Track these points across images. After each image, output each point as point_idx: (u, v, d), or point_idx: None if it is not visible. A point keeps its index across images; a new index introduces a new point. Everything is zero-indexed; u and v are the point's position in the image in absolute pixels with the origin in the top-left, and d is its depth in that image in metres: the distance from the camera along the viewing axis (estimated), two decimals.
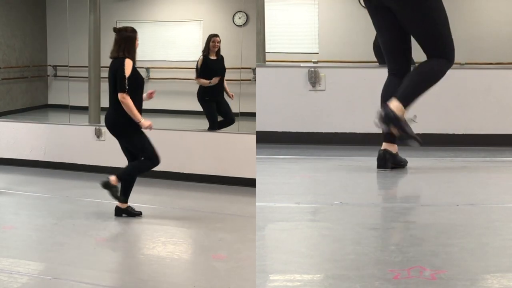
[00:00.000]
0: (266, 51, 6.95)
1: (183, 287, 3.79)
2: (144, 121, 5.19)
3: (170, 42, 10.48)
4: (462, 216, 3.31)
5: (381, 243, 2.76)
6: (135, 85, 5.15)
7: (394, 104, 4.28)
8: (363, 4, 9.11)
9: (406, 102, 4.33)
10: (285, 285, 2.33)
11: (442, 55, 4.44)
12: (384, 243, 2.75)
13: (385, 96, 4.53)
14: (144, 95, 5.37)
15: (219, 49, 7.49)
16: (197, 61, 7.55)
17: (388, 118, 4.25)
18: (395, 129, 4.28)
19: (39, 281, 3.84)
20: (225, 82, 7.55)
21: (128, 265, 4.24)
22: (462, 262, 2.52)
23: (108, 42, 9.64)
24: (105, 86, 8.44)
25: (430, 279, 2.28)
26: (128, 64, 5.09)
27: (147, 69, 10.65)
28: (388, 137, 4.45)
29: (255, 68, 6.93)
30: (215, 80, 7.33)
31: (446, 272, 2.35)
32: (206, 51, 7.48)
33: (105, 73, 8.78)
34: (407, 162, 4.56)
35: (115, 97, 5.11)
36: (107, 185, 5.18)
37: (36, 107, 11.48)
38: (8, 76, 10.93)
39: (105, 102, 8.11)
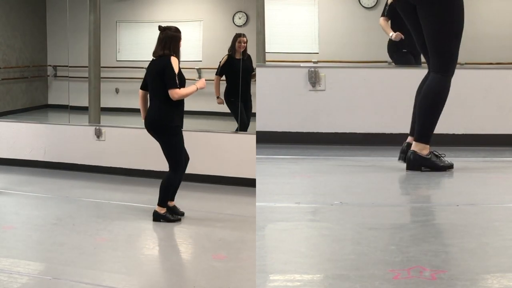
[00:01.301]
0: (266, 51, 6.95)
1: (183, 287, 3.79)
2: (199, 83, 5.25)
3: None
4: (462, 216, 3.31)
5: (381, 243, 2.76)
6: (180, 83, 5.17)
7: (417, 147, 4.42)
8: (363, 4, 9.12)
9: (427, 138, 4.47)
10: (285, 285, 2.33)
11: (442, 70, 4.48)
12: (384, 243, 2.75)
13: (417, 95, 4.63)
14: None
15: (245, 49, 7.39)
16: (221, 59, 7.48)
17: (416, 162, 4.37)
18: (427, 168, 4.42)
19: (39, 281, 3.84)
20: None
21: (128, 265, 4.24)
22: (462, 262, 2.52)
23: (108, 42, 9.67)
24: (104, 86, 8.47)
25: (430, 279, 2.28)
26: (174, 62, 5.13)
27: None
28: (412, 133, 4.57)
29: (255, 68, 6.93)
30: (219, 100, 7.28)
31: (446, 272, 2.35)
32: (232, 50, 7.40)
33: (105, 73, 8.82)
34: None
35: (160, 96, 5.10)
36: (158, 217, 5.27)
37: (36, 107, 11.48)
38: (8, 76, 10.93)
39: (105, 102, 8.14)
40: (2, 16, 10.64)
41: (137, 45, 10.83)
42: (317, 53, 10.18)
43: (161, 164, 6.26)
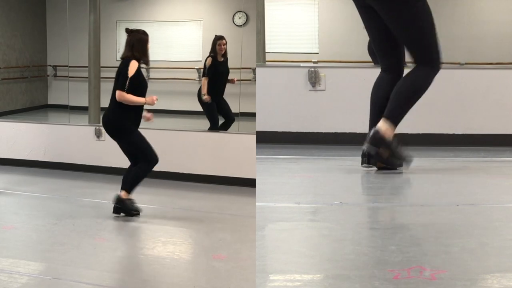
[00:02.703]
0: (266, 51, 6.95)
1: (183, 287, 3.79)
2: (149, 98, 5.22)
3: (170, 42, 10.48)
4: (462, 216, 3.31)
5: (381, 243, 2.76)
6: (138, 87, 5.14)
7: (384, 127, 4.27)
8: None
9: (395, 121, 4.33)
10: (285, 285, 2.33)
11: (427, 62, 4.40)
12: (384, 243, 2.75)
13: (376, 94, 4.52)
14: (145, 113, 5.38)
15: (225, 51, 7.48)
16: (206, 60, 7.54)
17: (377, 140, 4.24)
18: (385, 152, 4.28)
19: (39, 281, 3.84)
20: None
21: (128, 265, 4.24)
22: (462, 262, 2.52)
23: (108, 42, 9.67)
24: (104, 86, 8.46)
25: (430, 279, 2.28)
26: (133, 65, 5.10)
27: (147, 69, 10.66)
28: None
29: (255, 68, 6.93)
30: (207, 97, 7.38)
31: (446, 272, 2.35)
32: (214, 52, 7.46)
33: (105, 73, 8.81)
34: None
35: (115, 97, 5.12)
36: (117, 201, 5.16)
37: (36, 107, 11.48)
38: (8, 76, 10.94)
39: (105, 102, 8.13)
40: (2, 16, 10.65)
41: None
42: (317, 53, 10.18)
43: (161, 164, 6.24)
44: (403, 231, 3.05)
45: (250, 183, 6.03)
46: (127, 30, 5.28)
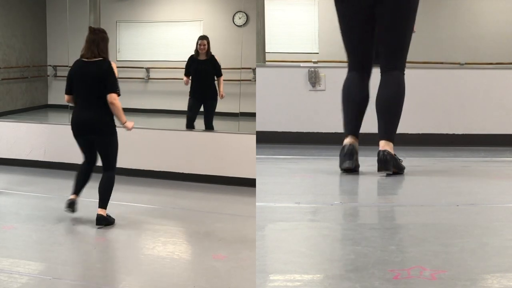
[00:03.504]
0: (266, 51, 6.95)
1: (183, 287, 3.79)
2: (129, 122, 5.22)
3: (170, 42, 10.48)
4: (462, 216, 3.31)
5: (381, 243, 2.76)
6: None
7: (388, 146, 4.31)
8: None
9: (393, 137, 4.38)
10: (285, 285, 2.33)
11: (401, 67, 4.44)
12: (384, 243, 2.75)
13: (351, 96, 4.48)
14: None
15: (207, 51, 7.51)
16: None
17: (389, 161, 4.28)
18: (394, 169, 4.32)
19: (39, 281, 3.84)
20: (221, 83, 7.57)
21: (128, 265, 4.24)
22: (462, 262, 2.52)
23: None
24: None
25: (430, 279, 2.28)
26: (114, 67, 5.10)
27: (147, 69, 10.66)
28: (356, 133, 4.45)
29: (255, 68, 6.93)
30: (185, 80, 7.53)
31: (446, 272, 2.35)
32: (195, 51, 7.56)
33: None
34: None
35: (101, 98, 5.03)
36: (100, 220, 5.10)
37: (36, 107, 11.48)
38: (8, 76, 10.94)
39: None
40: (2, 16, 10.65)
41: (137, 45, 10.84)
42: (317, 53, 10.19)
43: (161, 164, 6.28)
44: (403, 231, 3.05)
45: (250, 183, 6.03)
46: (91, 29, 5.25)
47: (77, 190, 5.23)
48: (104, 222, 5.05)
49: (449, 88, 6.39)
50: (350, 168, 4.34)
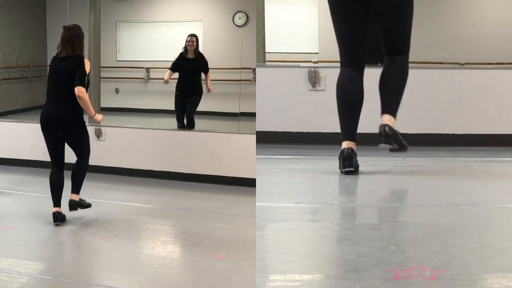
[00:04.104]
0: (266, 51, 6.95)
1: (183, 287, 3.79)
2: (98, 115, 5.26)
3: (170, 42, 10.47)
4: (462, 216, 3.31)
5: (381, 243, 2.75)
6: (87, 86, 5.15)
7: (390, 121, 4.30)
8: None
9: (396, 112, 4.38)
10: (285, 285, 2.33)
11: (405, 51, 4.46)
12: (384, 243, 2.75)
13: (346, 98, 4.48)
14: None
15: (196, 48, 7.54)
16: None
17: (391, 136, 4.25)
18: (396, 145, 4.29)
19: (39, 281, 3.84)
20: (208, 78, 7.61)
21: (128, 265, 4.24)
22: (462, 262, 2.52)
23: (108, 42, 9.67)
24: (104, 86, 8.46)
25: (430, 279, 2.28)
26: (87, 63, 5.13)
27: (147, 69, 10.66)
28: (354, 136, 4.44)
29: (255, 68, 6.93)
30: (166, 78, 7.63)
31: (446, 272, 2.35)
32: (184, 49, 7.62)
33: (105, 73, 8.81)
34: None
35: (72, 94, 5.03)
36: (74, 206, 5.14)
37: (36, 107, 11.46)
38: (8, 76, 10.93)
39: (105, 102, 8.14)
40: (2, 16, 10.64)
41: (137, 45, 10.84)
42: (317, 53, 10.18)
43: (161, 164, 6.28)
44: (403, 231, 3.05)
45: (250, 183, 6.03)
46: (65, 27, 5.24)
47: (58, 202, 5.21)
48: (78, 206, 5.06)
49: (449, 88, 6.38)
50: (351, 171, 4.36)
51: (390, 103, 4.38)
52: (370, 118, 4.52)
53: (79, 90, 4.97)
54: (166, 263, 4.30)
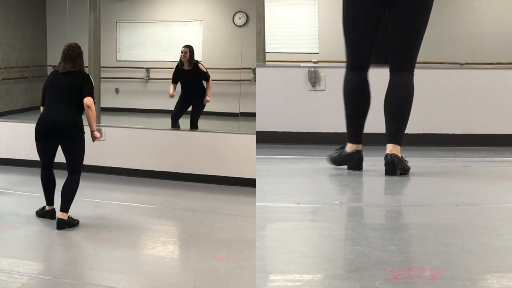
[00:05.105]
0: (266, 51, 6.95)
1: (183, 287, 3.79)
2: (97, 132, 5.31)
3: (170, 42, 10.48)
4: (462, 216, 3.31)
5: (381, 243, 2.75)
6: None
7: (395, 150, 4.32)
8: None
9: (401, 140, 4.40)
10: (285, 285, 2.33)
11: (409, 68, 4.44)
12: (384, 243, 2.75)
13: (355, 102, 4.50)
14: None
15: (190, 59, 7.50)
16: None
17: (396, 165, 4.29)
18: (400, 171, 4.34)
19: (39, 281, 3.84)
20: (209, 86, 7.57)
21: (128, 265, 4.24)
22: (462, 262, 2.52)
23: (108, 42, 9.67)
24: (104, 86, 8.46)
25: (430, 279, 2.28)
26: (92, 80, 5.24)
27: (147, 69, 10.66)
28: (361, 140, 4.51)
29: (255, 68, 6.93)
30: (171, 92, 7.61)
31: (446, 272, 2.35)
32: (180, 60, 7.59)
33: (105, 73, 8.81)
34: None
35: (75, 105, 5.10)
36: (62, 224, 5.03)
37: (36, 107, 11.45)
38: (8, 76, 10.93)
39: (105, 102, 8.14)
40: (2, 16, 10.64)
41: (137, 45, 10.84)
42: (317, 53, 10.18)
43: (161, 164, 6.28)
44: (403, 231, 3.06)
45: (250, 183, 6.03)
46: (66, 46, 5.31)
47: (51, 200, 5.24)
48: (66, 225, 5.00)
49: (449, 88, 6.38)
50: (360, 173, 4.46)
51: (396, 132, 4.40)
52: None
53: (90, 100, 5.06)
54: (166, 263, 4.30)
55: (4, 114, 10.02)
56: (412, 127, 4.56)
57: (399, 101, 4.43)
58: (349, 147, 4.52)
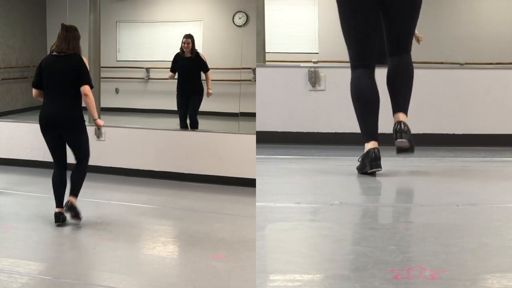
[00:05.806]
0: (266, 51, 6.95)
1: (183, 287, 3.79)
2: (100, 120, 5.28)
3: (170, 42, 10.47)
4: (462, 216, 3.31)
5: (381, 243, 2.75)
6: None
7: (404, 118, 4.34)
8: None
9: (407, 111, 4.42)
10: (285, 285, 2.33)
11: (409, 50, 4.51)
12: (384, 243, 2.75)
13: (365, 99, 4.48)
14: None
15: (192, 49, 7.56)
16: None
17: (407, 131, 4.30)
18: (409, 143, 4.32)
19: (39, 281, 3.84)
20: (209, 79, 7.61)
21: (128, 265, 4.24)
22: (462, 262, 2.52)
23: (108, 42, 9.66)
24: (104, 86, 8.46)
25: (430, 279, 2.28)
26: (86, 61, 5.18)
27: (147, 69, 10.66)
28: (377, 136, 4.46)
29: (255, 68, 6.93)
30: (170, 76, 7.70)
31: (446, 272, 2.35)
32: (181, 49, 7.67)
33: (105, 73, 8.81)
34: None
35: (72, 92, 5.05)
36: (73, 208, 5.07)
37: (36, 107, 11.44)
38: (8, 76, 10.93)
39: (105, 102, 8.13)
40: (2, 16, 10.64)
41: (137, 45, 10.84)
42: (317, 53, 10.18)
43: (161, 164, 6.28)
44: (403, 231, 3.05)
45: (250, 183, 6.03)
46: (63, 26, 5.21)
47: (60, 202, 5.20)
48: (75, 209, 5.02)
49: (449, 88, 6.38)
50: (379, 171, 4.35)
51: (402, 102, 4.42)
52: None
53: (86, 89, 5.03)
54: (166, 263, 4.30)
55: (4, 114, 10.02)
56: (412, 127, 4.55)
57: (404, 77, 4.49)
58: (365, 147, 4.44)
